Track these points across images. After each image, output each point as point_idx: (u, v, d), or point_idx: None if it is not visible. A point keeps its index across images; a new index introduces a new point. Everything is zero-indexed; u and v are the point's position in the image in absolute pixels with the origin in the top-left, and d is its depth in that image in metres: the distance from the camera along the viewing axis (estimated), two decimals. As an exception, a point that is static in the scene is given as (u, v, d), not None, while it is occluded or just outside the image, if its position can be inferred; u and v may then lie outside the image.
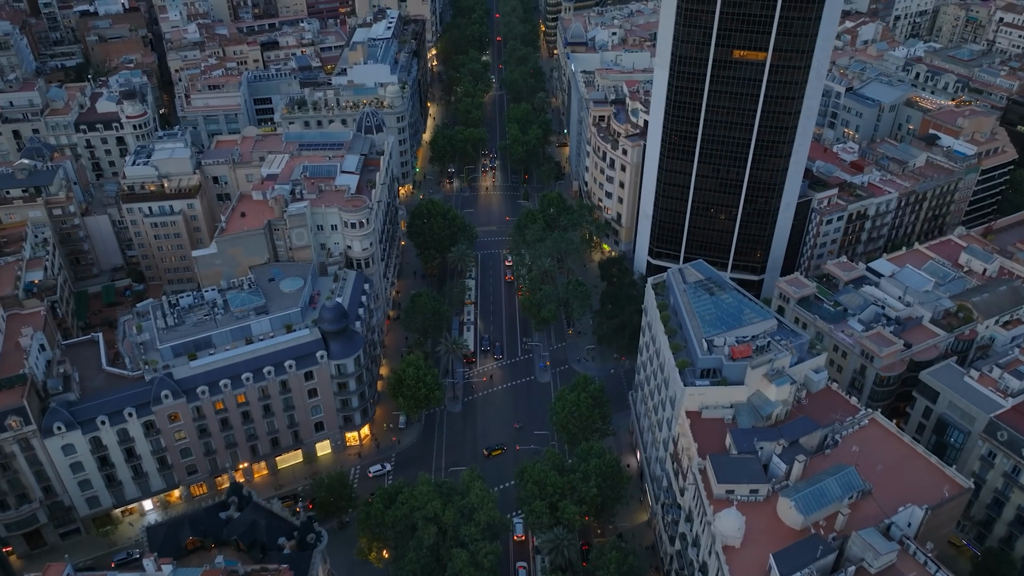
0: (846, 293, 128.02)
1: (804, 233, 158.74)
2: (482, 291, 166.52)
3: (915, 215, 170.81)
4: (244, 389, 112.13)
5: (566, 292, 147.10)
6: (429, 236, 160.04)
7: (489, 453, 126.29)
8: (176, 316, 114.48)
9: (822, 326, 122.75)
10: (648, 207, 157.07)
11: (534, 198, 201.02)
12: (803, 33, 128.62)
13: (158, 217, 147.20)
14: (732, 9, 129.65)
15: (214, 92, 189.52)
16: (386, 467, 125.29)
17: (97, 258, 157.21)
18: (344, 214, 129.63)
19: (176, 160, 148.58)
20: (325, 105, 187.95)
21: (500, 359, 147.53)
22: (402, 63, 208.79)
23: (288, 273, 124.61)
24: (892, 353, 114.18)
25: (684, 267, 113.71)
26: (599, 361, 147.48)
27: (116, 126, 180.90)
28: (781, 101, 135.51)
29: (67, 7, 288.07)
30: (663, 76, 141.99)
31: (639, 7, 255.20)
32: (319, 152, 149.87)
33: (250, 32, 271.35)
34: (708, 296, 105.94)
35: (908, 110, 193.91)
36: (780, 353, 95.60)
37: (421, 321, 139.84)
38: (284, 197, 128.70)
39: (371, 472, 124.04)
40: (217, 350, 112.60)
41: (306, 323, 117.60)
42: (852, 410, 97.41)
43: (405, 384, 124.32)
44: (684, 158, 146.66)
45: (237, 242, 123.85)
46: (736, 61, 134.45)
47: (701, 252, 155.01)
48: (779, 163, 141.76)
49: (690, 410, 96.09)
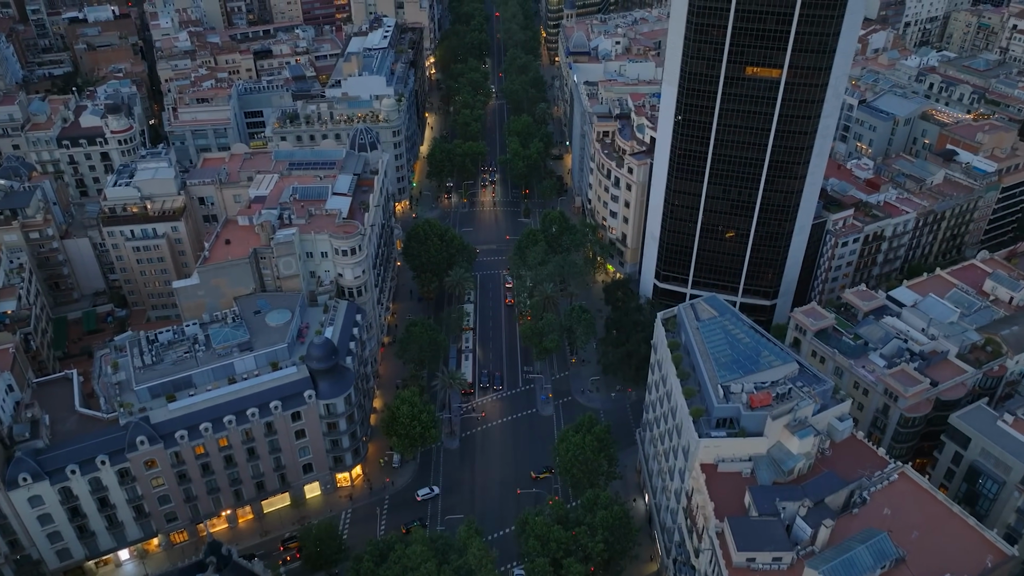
0: (866, 325, 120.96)
1: (818, 256, 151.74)
2: (481, 315, 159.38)
3: (933, 235, 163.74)
4: (226, 432, 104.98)
5: (569, 320, 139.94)
6: (425, 259, 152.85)
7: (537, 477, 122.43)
8: (154, 353, 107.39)
9: (841, 361, 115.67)
10: (655, 229, 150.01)
11: (535, 214, 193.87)
12: (820, 49, 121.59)
13: (140, 241, 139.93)
14: (745, 24, 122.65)
15: (202, 106, 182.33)
16: (434, 490, 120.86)
17: (78, 282, 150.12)
18: (335, 241, 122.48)
19: (159, 181, 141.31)
20: (318, 119, 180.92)
21: (500, 390, 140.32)
22: (398, 74, 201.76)
23: (275, 304, 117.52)
24: (918, 393, 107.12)
25: (696, 302, 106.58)
26: (604, 392, 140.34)
27: (100, 141, 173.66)
28: (796, 120, 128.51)
29: (56, 13, 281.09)
30: (671, 93, 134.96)
31: (643, 15, 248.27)
32: (310, 171, 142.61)
33: (244, 39, 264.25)
34: (723, 335, 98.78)
35: (924, 123, 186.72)
36: (802, 402, 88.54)
37: (417, 351, 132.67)
38: (271, 223, 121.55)
39: (419, 495, 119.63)
40: (198, 390, 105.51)
41: (293, 360, 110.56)
42: (879, 462, 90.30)
43: (399, 422, 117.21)
44: (693, 178, 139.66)
45: (221, 272, 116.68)
46: (749, 78, 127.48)
47: (710, 276, 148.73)
48: (794, 184, 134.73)
49: (705, 463, 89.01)
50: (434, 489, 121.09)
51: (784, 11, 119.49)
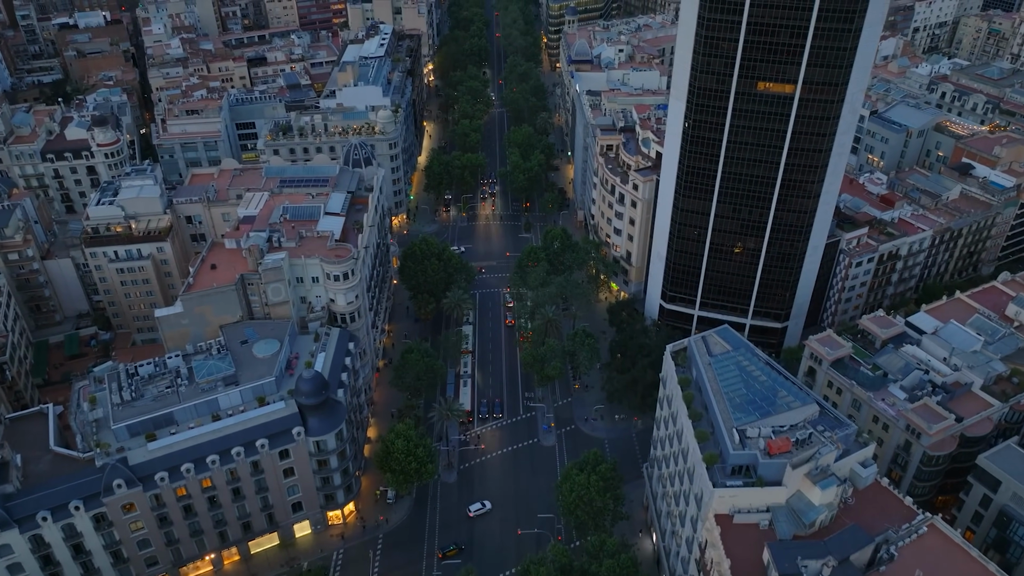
0: (885, 354, 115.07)
1: (831, 276, 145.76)
2: (480, 336, 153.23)
3: (949, 253, 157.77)
4: (209, 473, 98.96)
5: (572, 344, 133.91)
6: (422, 279, 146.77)
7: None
8: (134, 388, 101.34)
9: (860, 394, 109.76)
10: (661, 248, 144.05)
11: (536, 228, 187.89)
12: (837, 64, 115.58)
13: (125, 262, 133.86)
14: (758, 38, 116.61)
15: (192, 117, 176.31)
16: (486, 504, 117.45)
17: (60, 304, 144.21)
18: (327, 266, 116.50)
19: (144, 199, 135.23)
20: (312, 131, 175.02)
21: (500, 418, 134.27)
22: (395, 83, 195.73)
23: (263, 333, 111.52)
24: (942, 430, 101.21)
25: (708, 334, 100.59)
26: (609, 421, 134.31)
27: (86, 155, 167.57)
28: (811, 137, 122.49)
29: (46, 19, 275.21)
30: (679, 108, 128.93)
31: (647, 21, 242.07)
32: (302, 189, 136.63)
33: (239, 45, 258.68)
34: (737, 372, 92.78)
35: (937, 135, 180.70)
36: (824, 448, 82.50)
37: (413, 379, 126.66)
38: (259, 247, 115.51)
39: (471, 511, 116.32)
40: (180, 428, 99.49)
41: (281, 394, 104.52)
42: (906, 513, 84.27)
43: (393, 457, 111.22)
44: (702, 197, 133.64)
45: (206, 300, 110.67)
46: (761, 94, 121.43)
47: (719, 297, 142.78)
48: (807, 204, 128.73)
49: (720, 513, 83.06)
50: (486, 504, 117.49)
51: (799, 25, 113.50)
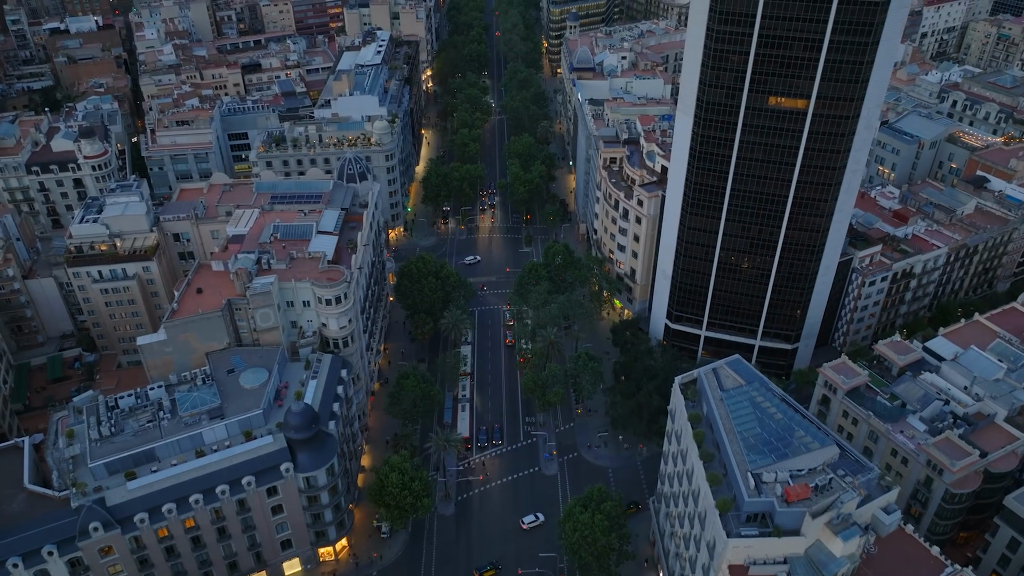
0: (903, 383, 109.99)
1: (842, 295, 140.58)
2: (479, 356, 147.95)
3: (964, 270, 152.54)
4: (193, 513, 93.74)
5: (575, 368, 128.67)
6: (419, 298, 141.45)
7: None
8: (113, 422, 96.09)
9: (877, 425, 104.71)
10: (667, 266, 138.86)
11: (537, 242, 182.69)
12: (852, 79, 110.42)
13: (109, 283, 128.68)
14: (769, 51, 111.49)
15: (182, 128, 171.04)
16: (539, 517, 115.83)
17: (43, 325, 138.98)
18: (318, 290, 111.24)
19: (130, 217, 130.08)
20: (306, 142, 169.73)
21: (499, 445, 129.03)
22: (392, 92, 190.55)
23: (251, 362, 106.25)
24: (966, 466, 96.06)
25: (719, 367, 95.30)
26: (613, 448, 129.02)
27: (73, 167, 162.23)
28: (824, 154, 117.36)
29: (37, 23, 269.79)
30: (686, 123, 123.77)
31: (650, 27, 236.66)
32: (294, 206, 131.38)
33: (233, 50, 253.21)
34: (751, 409, 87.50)
35: (950, 147, 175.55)
36: (845, 494, 77.35)
37: (409, 405, 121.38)
38: (247, 270, 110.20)
39: (525, 524, 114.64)
40: (162, 465, 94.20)
41: (269, 427, 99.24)
42: (933, 563, 79.19)
43: (388, 492, 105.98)
44: (710, 215, 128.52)
45: (191, 327, 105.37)
46: (773, 109, 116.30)
47: (727, 317, 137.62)
48: (820, 222, 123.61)
49: (734, 564, 77.84)
50: (539, 516, 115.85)
51: (813, 38, 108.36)
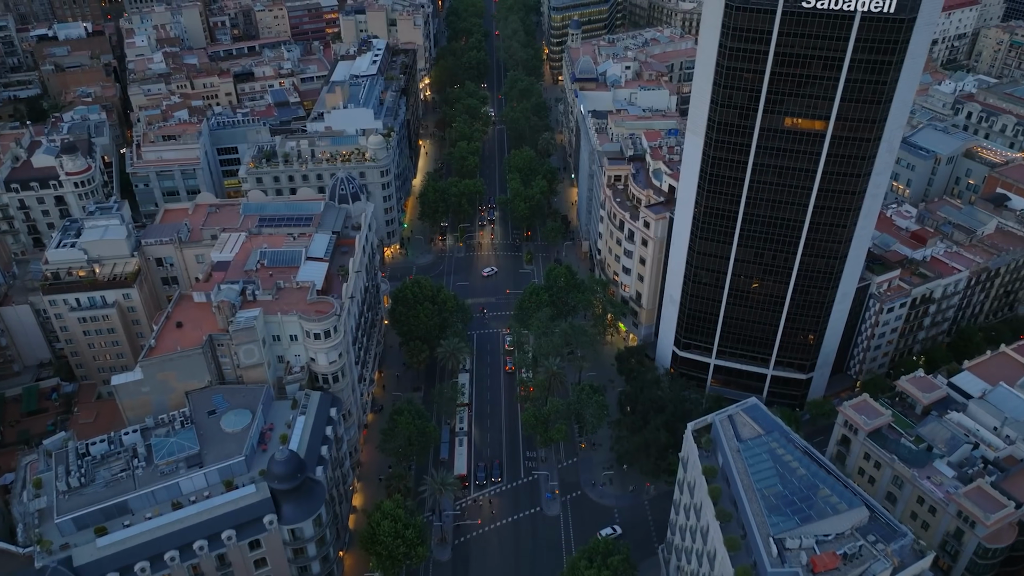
0: (929, 424, 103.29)
1: (859, 322, 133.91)
2: (478, 384, 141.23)
3: (985, 294, 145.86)
4: (168, 571, 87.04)
5: (578, 402, 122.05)
6: (414, 325, 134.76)
7: None
8: (83, 471, 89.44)
9: (902, 470, 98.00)
10: (675, 291, 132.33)
11: (538, 260, 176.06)
12: (874, 100, 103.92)
13: (87, 311, 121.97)
14: (786, 70, 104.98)
15: (169, 144, 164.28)
16: (617, 530, 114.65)
17: (19, 353, 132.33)
18: (306, 323, 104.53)
19: (110, 241, 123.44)
20: (298, 157, 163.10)
21: (498, 483, 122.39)
22: (388, 104, 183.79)
23: (234, 402, 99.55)
24: (1001, 519, 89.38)
25: (735, 413, 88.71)
26: (619, 486, 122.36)
27: (54, 184, 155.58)
28: (843, 178, 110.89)
29: (25, 29, 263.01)
30: (696, 143, 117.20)
31: (654, 35, 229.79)
32: (282, 229, 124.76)
33: (227, 57, 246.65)
34: (771, 462, 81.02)
35: (968, 162, 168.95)
36: (876, 564, 70.89)
37: (404, 442, 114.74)
38: (230, 303, 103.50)
39: (601, 534, 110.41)
40: (135, 518, 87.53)
41: (252, 475, 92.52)
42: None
43: (380, 540, 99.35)
44: (721, 239, 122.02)
45: (169, 365, 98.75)
46: (789, 131, 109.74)
47: (738, 346, 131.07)
48: (838, 249, 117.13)
49: (755, 639, 71.35)
50: (616, 529, 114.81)
51: (833, 56, 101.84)
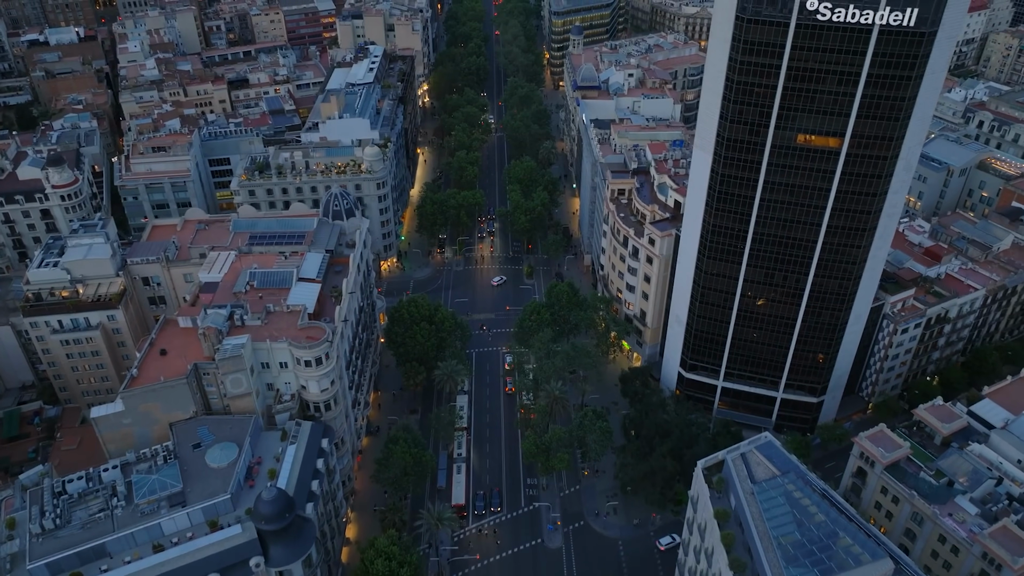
0: (949, 456, 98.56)
1: (872, 343, 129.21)
2: (477, 405, 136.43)
3: (1001, 312, 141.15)
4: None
5: (581, 429, 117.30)
6: (411, 346, 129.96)
7: None
8: (59, 512, 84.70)
9: (922, 507, 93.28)
10: (681, 311, 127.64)
11: (539, 274, 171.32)
12: (892, 116, 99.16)
13: (70, 333, 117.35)
14: (799, 85, 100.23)
15: (159, 155, 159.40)
16: (676, 539, 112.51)
17: (0, 376, 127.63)
18: (296, 350, 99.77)
19: (94, 261, 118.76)
20: (292, 169, 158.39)
21: (498, 512, 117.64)
22: (385, 113, 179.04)
23: (220, 434, 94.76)
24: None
25: (748, 451, 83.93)
26: (623, 516, 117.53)
27: (40, 197, 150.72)
28: (859, 197, 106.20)
29: (16, 34, 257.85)
30: (704, 160, 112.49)
31: (657, 40, 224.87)
32: (274, 247, 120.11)
33: (222, 62, 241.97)
34: (787, 507, 76.22)
35: (981, 174, 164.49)
36: (904, 622, 66.05)
37: (399, 473, 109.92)
38: (217, 329, 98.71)
39: (662, 545, 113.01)
40: (114, 562, 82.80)
41: (238, 514, 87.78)
42: None
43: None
44: (730, 259, 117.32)
45: (152, 396, 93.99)
46: (801, 148, 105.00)
47: (747, 368, 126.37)
48: (852, 270, 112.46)
49: None
50: (675, 538, 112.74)
51: (849, 71, 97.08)
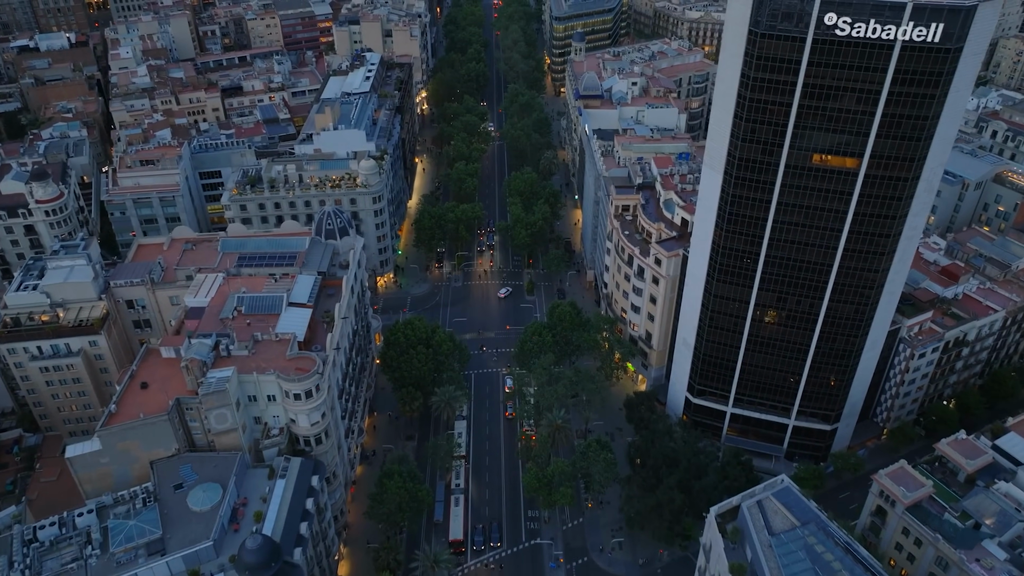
0: (975, 496, 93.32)
1: (887, 367, 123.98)
2: (476, 433, 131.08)
3: (1021, 333, 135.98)
4: (124, 677, 77.30)
5: (584, 460, 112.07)
6: (407, 371, 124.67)
7: None
8: (30, 562, 79.55)
9: (947, 551, 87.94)
10: (689, 334, 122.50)
11: (540, 291, 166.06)
12: (914, 136, 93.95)
13: (50, 360, 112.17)
14: (816, 103, 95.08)
15: (147, 168, 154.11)
16: None
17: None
18: (285, 383, 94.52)
19: (75, 284, 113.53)
20: (285, 183, 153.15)
21: (498, 548, 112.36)
22: (382, 124, 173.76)
23: (203, 473, 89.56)
24: (1062, 616, 79.41)
25: (765, 498, 78.77)
26: (629, 552, 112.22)
27: (24, 213, 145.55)
28: (877, 220, 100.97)
29: (5, 40, 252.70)
30: (714, 179, 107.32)
31: (661, 47, 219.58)
32: (263, 269, 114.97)
33: (216, 67, 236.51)
34: (808, 561, 71.04)
35: (998, 188, 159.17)
36: None
37: (394, 507, 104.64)
38: (201, 361, 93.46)
39: None
40: (87, 615, 77.85)
41: (221, 561, 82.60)
42: None
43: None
44: (741, 283, 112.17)
45: (131, 434, 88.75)
46: (817, 168, 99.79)
47: (757, 394, 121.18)
48: (868, 295, 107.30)
49: None
50: None
51: (869, 88, 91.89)
